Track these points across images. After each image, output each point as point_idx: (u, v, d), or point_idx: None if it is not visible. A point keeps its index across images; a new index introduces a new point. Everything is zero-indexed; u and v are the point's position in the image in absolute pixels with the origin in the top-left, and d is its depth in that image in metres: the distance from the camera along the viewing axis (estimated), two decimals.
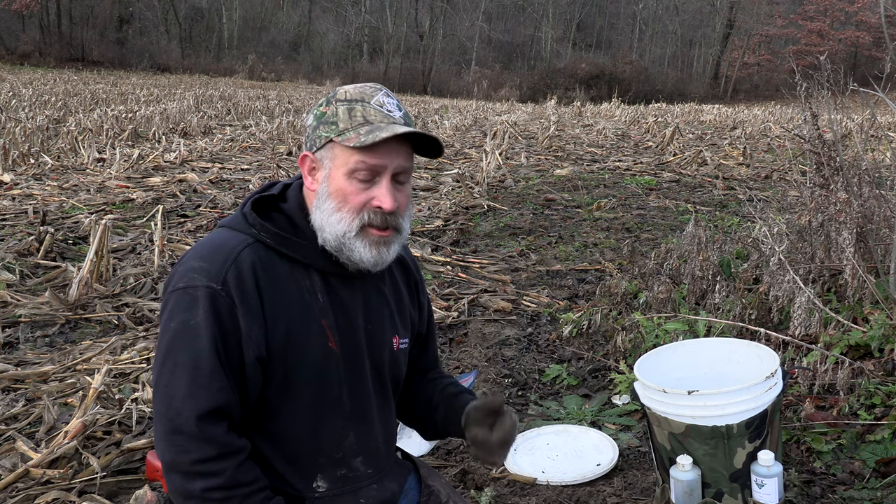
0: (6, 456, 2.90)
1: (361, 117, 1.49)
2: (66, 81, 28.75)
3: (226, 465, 1.41)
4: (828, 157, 3.67)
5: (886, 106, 4.04)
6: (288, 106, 22.70)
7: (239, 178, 9.60)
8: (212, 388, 1.41)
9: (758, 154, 12.59)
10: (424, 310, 1.81)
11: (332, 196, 1.50)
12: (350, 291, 1.59)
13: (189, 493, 1.41)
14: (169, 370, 1.43)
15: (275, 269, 1.51)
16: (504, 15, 59.05)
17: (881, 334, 3.18)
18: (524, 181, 9.97)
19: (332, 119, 1.50)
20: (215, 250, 1.50)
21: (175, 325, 1.44)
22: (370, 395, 1.62)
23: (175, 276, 1.50)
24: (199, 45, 53.24)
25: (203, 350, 1.42)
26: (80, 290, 4.70)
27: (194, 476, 1.40)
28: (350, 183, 1.49)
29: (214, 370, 1.42)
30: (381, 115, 1.50)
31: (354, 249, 1.51)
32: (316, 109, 1.55)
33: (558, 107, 28.97)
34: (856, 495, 2.56)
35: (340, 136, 1.48)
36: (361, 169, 1.48)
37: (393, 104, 1.53)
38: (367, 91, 1.53)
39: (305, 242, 1.54)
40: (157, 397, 1.44)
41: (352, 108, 1.50)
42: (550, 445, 3.07)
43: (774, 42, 52.71)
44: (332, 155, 1.50)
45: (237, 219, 1.56)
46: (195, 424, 1.39)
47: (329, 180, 1.51)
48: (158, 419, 1.44)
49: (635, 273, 4.77)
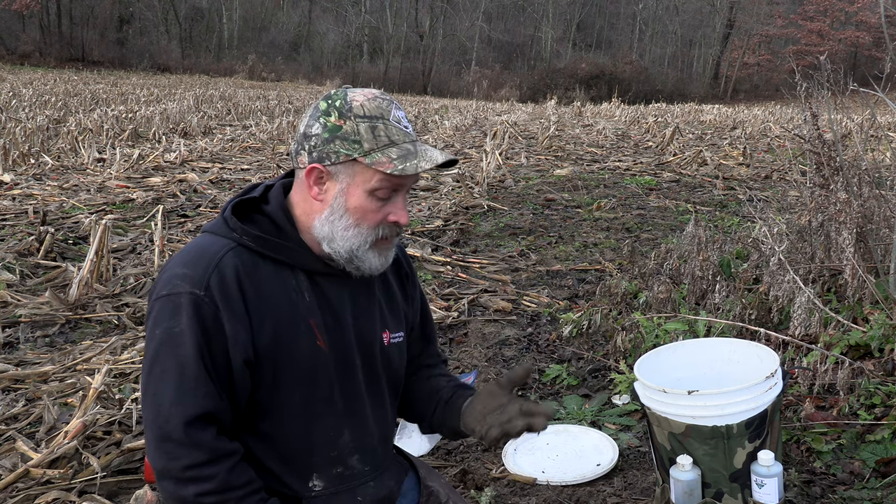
0: (6, 456, 2.90)
1: (386, 137, 1.49)
2: (67, 81, 28.75)
3: (217, 470, 1.41)
4: (828, 157, 3.67)
5: (886, 106, 4.04)
6: (288, 106, 22.70)
7: (239, 179, 9.60)
8: (198, 393, 1.42)
9: (758, 154, 12.59)
10: (416, 301, 1.81)
11: (350, 212, 1.51)
12: (337, 289, 1.59)
13: (182, 499, 1.42)
14: (156, 377, 1.44)
15: (259, 272, 1.51)
16: (504, 15, 59.07)
17: (881, 334, 3.17)
18: (524, 181, 9.97)
19: (354, 137, 1.48)
20: (198, 256, 1.50)
21: (160, 332, 1.45)
22: (362, 393, 1.63)
23: (159, 283, 1.50)
24: (200, 45, 53.27)
25: (188, 356, 1.42)
26: (80, 290, 4.70)
27: (186, 482, 1.41)
28: (370, 201, 1.51)
29: (200, 376, 1.43)
30: (402, 134, 1.51)
31: (366, 260, 1.54)
32: (323, 119, 1.51)
33: (558, 107, 28.98)
34: (856, 495, 2.56)
35: (367, 156, 1.48)
36: (385, 188, 1.50)
37: (404, 117, 1.55)
38: (382, 105, 1.52)
39: (289, 244, 1.55)
40: (146, 405, 1.45)
41: (374, 127, 1.49)
42: (550, 445, 3.07)
43: (774, 42, 52.73)
44: (352, 172, 1.50)
45: (218, 223, 1.56)
46: (183, 431, 1.40)
47: (347, 196, 1.51)
48: (148, 426, 1.44)
49: (635, 273, 4.77)
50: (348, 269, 1.56)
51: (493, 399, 1.60)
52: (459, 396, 1.71)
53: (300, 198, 1.57)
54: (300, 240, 1.56)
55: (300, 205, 1.57)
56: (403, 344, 1.74)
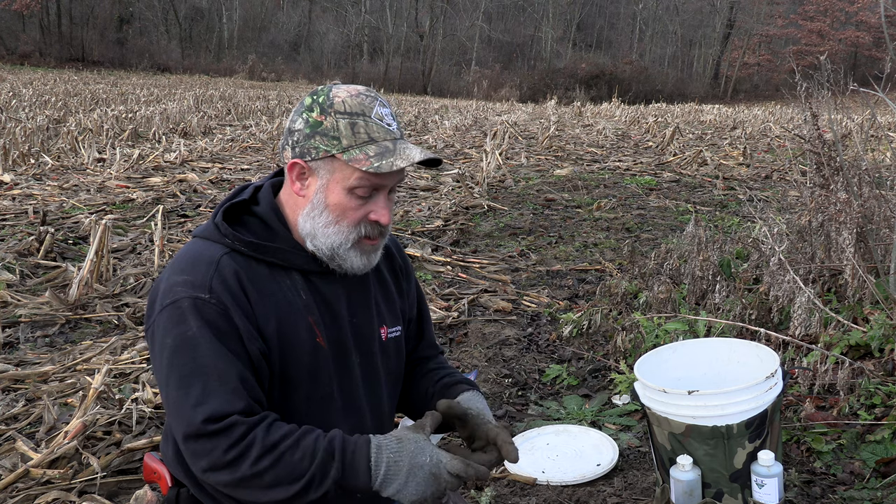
0: (6, 456, 2.90)
1: (365, 134, 1.48)
2: (67, 81, 28.74)
3: (254, 435, 1.38)
4: (828, 157, 3.67)
5: (886, 106, 4.04)
6: (288, 106, 22.69)
7: (239, 179, 9.60)
8: (225, 390, 1.40)
9: (758, 154, 12.59)
10: (412, 295, 1.81)
11: (330, 209, 1.50)
12: (332, 287, 1.59)
13: (244, 480, 1.38)
14: (175, 385, 1.41)
15: (255, 274, 1.51)
16: (504, 15, 59.05)
17: (881, 334, 3.17)
18: (524, 181, 9.97)
19: (333, 133, 1.48)
20: (195, 262, 1.50)
21: (171, 340, 1.43)
22: (359, 389, 1.63)
23: (159, 294, 1.49)
24: (199, 45, 53.23)
25: (206, 356, 1.41)
26: (80, 290, 4.70)
27: (235, 462, 1.37)
28: (349, 199, 1.50)
29: (222, 373, 1.41)
30: (384, 131, 1.50)
31: (347, 259, 1.54)
32: (306, 114, 1.51)
33: (558, 107, 28.97)
34: (856, 495, 2.56)
35: (345, 153, 1.47)
36: (364, 186, 1.50)
37: (389, 114, 1.53)
38: (364, 102, 1.51)
39: (282, 245, 1.55)
40: (173, 412, 1.42)
41: (354, 124, 1.48)
42: (550, 445, 3.07)
43: (774, 42, 52.71)
44: (331, 168, 1.50)
45: (210, 229, 1.55)
46: (210, 426, 1.38)
47: (326, 193, 1.51)
48: (179, 435, 1.41)
49: (635, 273, 4.76)
50: (332, 267, 1.56)
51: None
52: (448, 396, 1.70)
53: (286, 194, 1.58)
54: (292, 240, 1.56)
55: (288, 202, 1.57)
56: (401, 339, 1.74)
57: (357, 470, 1.40)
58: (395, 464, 1.40)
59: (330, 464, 1.39)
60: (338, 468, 1.39)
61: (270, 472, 1.37)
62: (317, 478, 1.38)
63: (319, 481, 1.38)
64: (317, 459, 1.38)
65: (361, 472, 1.39)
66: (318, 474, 1.38)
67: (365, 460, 1.40)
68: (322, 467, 1.38)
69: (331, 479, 1.38)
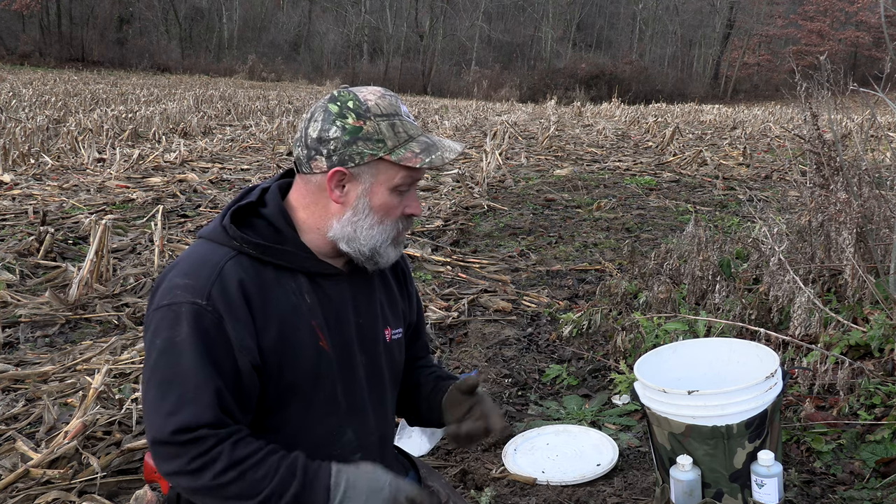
0: (6, 456, 2.90)
1: (404, 132, 1.53)
2: (66, 81, 28.74)
3: (221, 448, 1.40)
4: (828, 157, 3.67)
5: (886, 106, 4.04)
6: (288, 106, 22.70)
7: (239, 179, 9.60)
8: (199, 402, 1.41)
9: (758, 154, 12.59)
10: (413, 299, 1.83)
11: (374, 211, 1.54)
12: (338, 289, 1.60)
13: (204, 489, 1.41)
14: (155, 387, 1.43)
15: (261, 278, 1.51)
16: (504, 15, 59.03)
17: (881, 334, 3.17)
18: (524, 181, 9.97)
19: (377, 136, 1.51)
20: (199, 265, 1.50)
21: (160, 342, 1.44)
22: (364, 390, 1.63)
23: (158, 293, 1.49)
24: (199, 45, 53.23)
25: (188, 366, 1.41)
26: (80, 290, 4.70)
27: (199, 471, 1.40)
28: (392, 197, 1.55)
29: (201, 385, 1.41)
30: (415, 128, 1.56)
31: (385, 254, 1.59)
32: (340, 122, 1.50)
33: (558, 107, 28.98)
34: (856, 495, 2.56)
35: (392, 153, 1.51)
36: (407, 183, 1.55)
37: (408, 111, 1.60)
38: (392, 102, 1.56)
39: (289, 248, 1.55)
40: (147, 413, 1.45)
41: (393, 124, 1.53)
42: (550, 445, 3.07)
43: (774, 42, 52.71)
44: (375, 171, 1.52)
45: (217, 231, 1.55)
46: (179, 437, 1.39)
47: (371, 196, 1.54)
48: (149, 434, 1.44)
49: (635, 273, 4.76)
50: (366, 265, 1.60)
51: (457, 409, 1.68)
52: (438, 391, 1.74)
53: (308, 201, 1.57)
54: (300, 242, 1.56)
55: (306, 207, 1.57)
56: (403, 340, 1.76)
57: (316, 490, 1.43)
58: (353, 487, 1.44)
59: (290, 481, 1.42)
60: (298, 485, 1.42)
61: (232, 486, 1.40)
62: (276, 493, 1.41)
63: (278, 497, 1.41)
64: (278, 476, 1.42)
65: (320, 491, 1.43)
66: (278, 490, 1.42)
67: (326, 479, 1.44)
68: (282, 484, 1.42)
69: (290, 496, 1.42)
